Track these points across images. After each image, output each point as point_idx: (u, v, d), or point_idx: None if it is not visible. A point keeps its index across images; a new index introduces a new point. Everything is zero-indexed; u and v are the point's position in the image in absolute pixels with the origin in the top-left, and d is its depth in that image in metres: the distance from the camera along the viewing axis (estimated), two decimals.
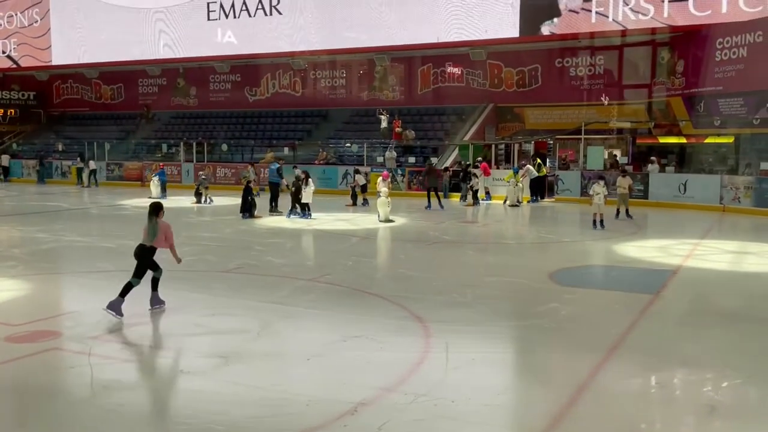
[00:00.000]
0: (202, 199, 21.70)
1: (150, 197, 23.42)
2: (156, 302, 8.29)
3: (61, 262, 11.84)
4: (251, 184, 17.90)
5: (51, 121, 38.66)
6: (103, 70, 36.17)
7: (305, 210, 17.04)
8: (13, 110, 37.68)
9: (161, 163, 27.12)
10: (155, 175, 24.85)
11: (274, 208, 18.63)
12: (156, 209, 8.22)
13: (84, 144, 32.23)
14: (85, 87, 38.06)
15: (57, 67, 35.81)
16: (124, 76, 36.51)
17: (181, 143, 30.27)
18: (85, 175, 29.56)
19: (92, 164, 29.74)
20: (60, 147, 34.07)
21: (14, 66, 36.51)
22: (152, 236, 8.05)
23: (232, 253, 12.42)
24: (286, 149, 28.31)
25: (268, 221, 17.11)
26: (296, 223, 16.67)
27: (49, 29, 35.27)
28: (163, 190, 24.36)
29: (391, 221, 16.46)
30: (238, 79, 33.82)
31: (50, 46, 35.29)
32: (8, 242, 13.93)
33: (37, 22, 35.47)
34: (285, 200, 18.67)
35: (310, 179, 17.46)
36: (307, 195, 17.08)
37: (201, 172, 24.02)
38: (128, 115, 36.46)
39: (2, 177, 32.34)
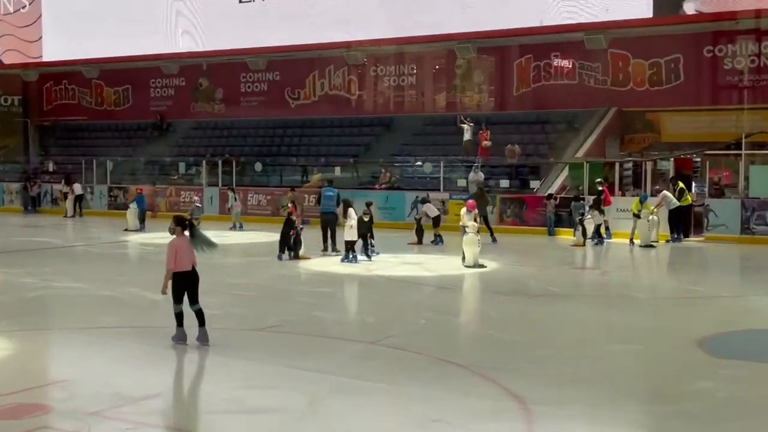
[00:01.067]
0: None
1: (126, 229, 24.26)
2: (203, 338, 9.61)
3: (52, 314, 12.34)
4: (293, 216, 18.27)
5: (40, 134, 40.59)
6: (105, 68, 37.82)
7: (349, 252, 17.25)
8: None
9: (138, 188, 28.07)
10: (132, 202, 25.72)
11: (330, 247, 18.98)
12: (180, 222, 9.58)
13: (81, 162, 33.54)
14: (84, 90, 39.86)
15: (48, 64, 37.65)
16: (132, 76, 38.07)
17: (204, 162, 31.22)
18: (68, 202, 30.75)
19: (77, 188, 30.98)
20: (50, 166, 35.67)
21: None
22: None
23: (270, 305, 12.67)
24: (337, 169, 28.82)
25: (315, 264, 17.39)
26: (352, 267, 16.87)
27: (40, 17, 37.24)
28: (142, 221, 25.09)
29: (481, 266, 16.47)
30: (277, 78, 34.77)
31: (41, 37, 37.16)
32: None
33: (24, 7, 37.49)
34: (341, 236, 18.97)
35: (351, 209, 17.71)
36: (350, 231, 17.28)
37: (195, 198, 24.61)
38: (136, 126, 37.94)
39: None
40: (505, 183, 25.81)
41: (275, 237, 18.87)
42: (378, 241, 18.44)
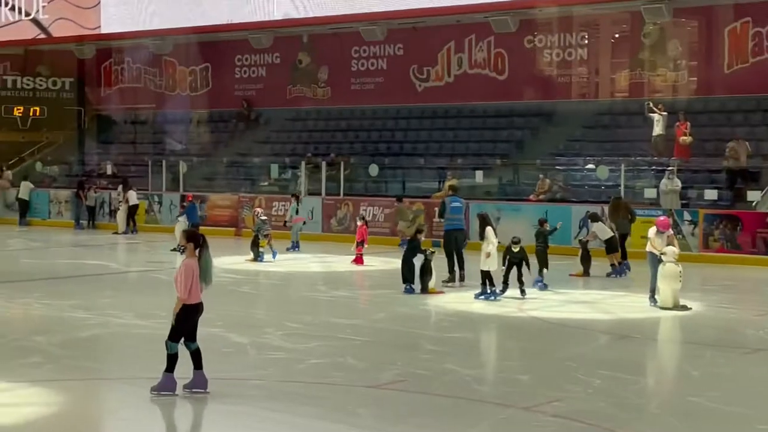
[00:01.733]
0: (260, 255, 22.99)
1: (173, 249, 24.63)
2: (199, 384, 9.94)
3: (109, 360, 12.70)
4: (420, 236, 18.29)
5: (97, 126, 42.24)
6: (179, 42, 38.97)
7: (485, 284, 17.03)
8: (38, 108, 41.60)
9: (189, 195, 28.71)
10: (182, 214, 26.47)
11: (457, 276, 18.94)
12: (193, 238, 10.08)
13: (147, 164, 34.66)
14: (152, 69, 41.25)
15: (108, 36, 39.03)
16: (212, 51, 39.10)
17: (302, 163, 31.72)
18: (120, 215, 31.75)
19: (132, 197, 31.85)
20: (109, 169, 36.95)
21: (43, 36, 40.36)
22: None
23: (388, 354, 12.68)
24: (479, 174, 28.73)
25: (449, 301, 17.34)
26: (498, 306, 16.74)
27: None
28: None
29: (683, 308, 16.03)
30: (400, 53, 35.05)
31: (99, 3, 38.60)
32: (28, 325, 15.20)
33: None
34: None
35: (489, 229, 17.44)
36: (487, 259, 16.97)
37: (258, 210, 24.89)
38: (217, 116, 38.94)
39: (19, 217, 35.50)
40: (711, 194, 25.11)
41: (395, 264, 18.90)
42: (534, 271, 18.20)
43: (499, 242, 17.51)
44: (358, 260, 22.38)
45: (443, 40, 33.83)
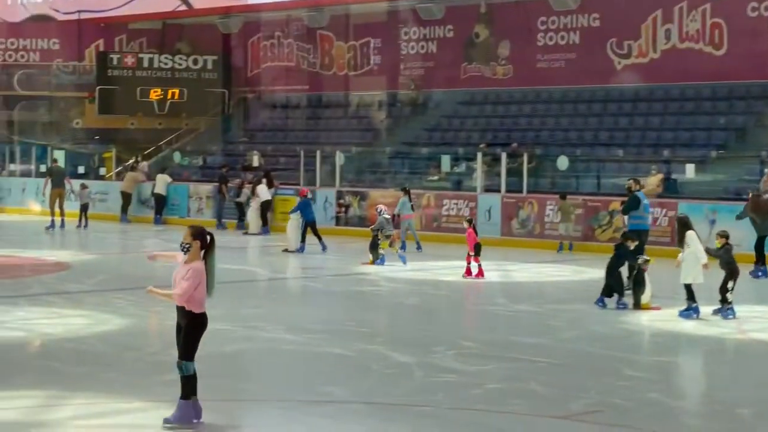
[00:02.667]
0: (380, 258, 23.52)
1: (286, 249, 26.04)
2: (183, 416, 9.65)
3: (257, 379, 12.96)
4: (630, 243, 18.12)
5: (243, 111, 43.17)
6: (336, 13, 39.57)
7: (692, 300, 16.71)
8: (177, 91, 42.75)
9: (302, 189, 29.46)
10: (293, 211, 27.37)
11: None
12: (200, 235, 9.98)
13: (299, 154, 35.14)
14: (305, 46, 41.89)
15: (257, 7, 40.00)
16: (375, 24, 39.61)
17: (478, 154, 31.73)
18: (251, 213, 32.44)
19: (263, 192, 32.09)
20: (256, 160, 37.68)
21: (183, 8, 41.52)
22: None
23: (579, 379, 12.57)
24: (689, 168, 28.18)
25: (654, 318, 17.15)
26: (710, 324, 16.43)
27: None
28: (303, 238, 26.69)
29: None
30: (595, 24, 34.75)
31: None
32: (165, 337, 15.64)
33: None
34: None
35: (691, 233, 16.98)
36: (692, 268, 16.56)
37: (381, 207, 25.07)
38: (380, 99, 39.34)
39: (155, 214, 36.58)
40: None
41: (588, 273, 18.70)
42: (747, 285, 17.81)
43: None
44: (470, 271, 21.52)
45: (648, 9, 33.37)
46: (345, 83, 40.55)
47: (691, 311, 16.77)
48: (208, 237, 10.00)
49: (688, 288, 16.78)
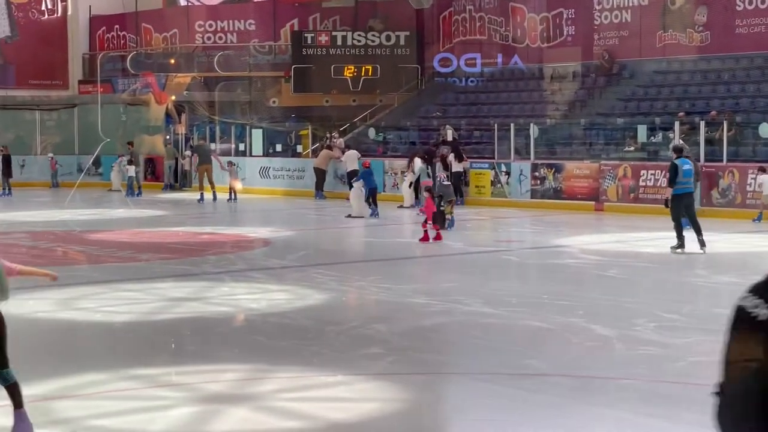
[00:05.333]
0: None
1: (350, 215, 27.64)
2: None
3: (455, 352, 13.08)
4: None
5: (435, 85, 43.37)
6: None
7: None
8: (371, 67, 43.17)
9: (366, 160, 31.34)
10: (356, 179, 29.32)
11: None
12: None
13: (493, 128, 35.12)
14: (497, 18, 41.82)
15: None
16: None
17: (675, 123, 31.15)
18: (405, 185, 32.83)
19: (418, 165, 32.31)
20: (449, 134, 37.79)
21: None
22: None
23: None
24: None
25: None
26: None
27: None
28: (373, 201, 28.96)
29: None
30: None
31: None
32: (366, 311, 15.92)
33: None
34: None
35: None
36: None
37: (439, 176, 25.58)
38: (574, 70, 38.97)
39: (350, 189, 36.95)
40: None
41: None
42: None
43: None
44: (427, 237, 22.69)
45: None
46: (538, 55, 40.36)
47: None
48: None
49: None
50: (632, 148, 32.41)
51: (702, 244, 20.47)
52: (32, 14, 50.12)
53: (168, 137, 43.67)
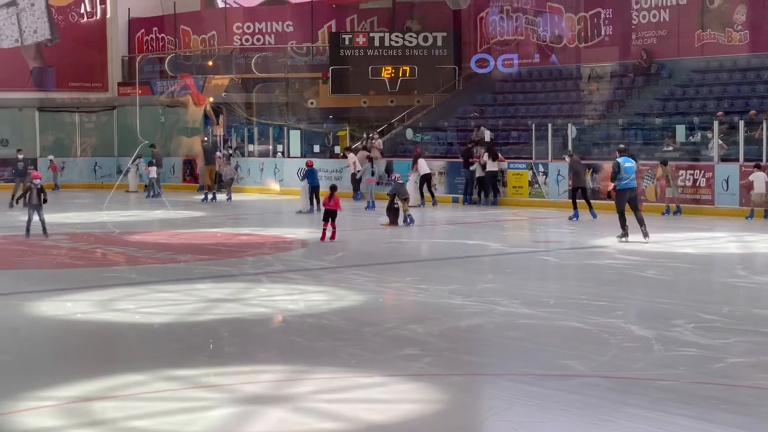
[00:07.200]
0: (401, 219, 26.25)
1: (300, 211, 31.30)
2: None
3: (492, 353, 13.02)
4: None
5: (472, 86, 43.36)
6: None
7: None
8: (408, 68, 43.14)
9: (310, 160, 33.83)
10: (302, 178, 31.68)
11: None
12: None
13: (531, 128, 35.07)
14: (534, 18, 41.71)
15: None
16: None
17: (714, 123, 30.96)
18: (410, 184, 32.54)
19: (422, 165, 33.71)
20: (487, 135, 37.76)
21: None
22: None
23: None
24: None
25: None
26: None
27: None
28: (315, 197, 31.46)
29: None
30: None
31: None
32: (403, 312, 15.91)
33: None
34: None
35: None
36: None
37: (395, 176, 27.10)
38: (611, 70, 38.84)
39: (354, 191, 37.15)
40: None
41: None
42: None
43: None
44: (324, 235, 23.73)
45: None
46: (575, 55, 40.25)
47: None
48: None
49: None
50: (670, 148, 32.26)
51: (645, 234, 22.46)
52: (72, 17, 50.50)
53: (206, 139, 43.84)
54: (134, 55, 50.35)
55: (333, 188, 24.64)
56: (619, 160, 22.75)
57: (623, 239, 22.63)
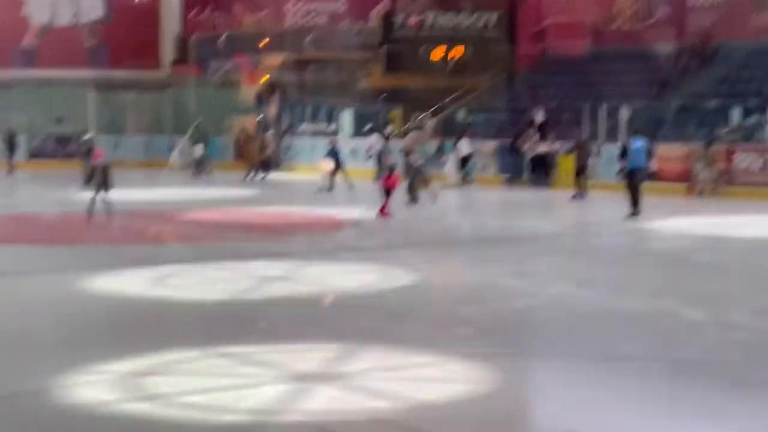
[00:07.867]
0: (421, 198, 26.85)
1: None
2: None
3: (544, 335, 12.98)
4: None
5: (526, 67, 43.13)
6: None
7: None
8: (461, 49, 42.95)
9: (334, 136, 34.71)
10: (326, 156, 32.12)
11: None
12: None
13: (583, 107, 34.93)
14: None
15: None
16: None
17: None
18: (449, 165, 33.00)
19: (463, 145, 33.64)
20: (539, 116, 37.61)
21: None
22: None
23: None
24: None
25: None
26: None
27: None
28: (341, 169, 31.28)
29: None
30: None
31: None
32: (456, 292, 15.91)
33: None
34: None
35: None
36: None
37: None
38: (666, 52, 38.45)
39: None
40: None
41: None
42: None
43: None
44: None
45: None
46: (630, 36, 39.94)
47: None
48: None
49: None
50: (726, 130, 31.98)
51: (634, 214, 23.74)
52: None
53: (260, 118, 43.93)
54: (187, 35, 50.54)
55: (392, 168, 24.80)
56: (630, 139, 24.49)
57: (632, 218, 23.60)
